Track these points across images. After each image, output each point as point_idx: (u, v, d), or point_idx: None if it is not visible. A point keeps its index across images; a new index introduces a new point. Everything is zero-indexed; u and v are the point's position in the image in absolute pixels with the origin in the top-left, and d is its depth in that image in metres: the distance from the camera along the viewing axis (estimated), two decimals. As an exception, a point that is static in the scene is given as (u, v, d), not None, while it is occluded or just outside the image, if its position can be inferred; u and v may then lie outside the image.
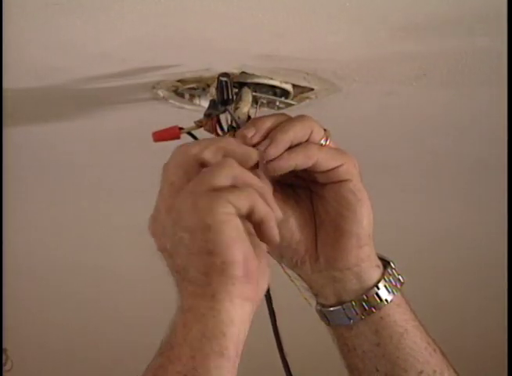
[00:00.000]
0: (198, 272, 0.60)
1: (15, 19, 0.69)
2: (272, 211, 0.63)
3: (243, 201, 0.61)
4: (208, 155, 0.64)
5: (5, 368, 0.95)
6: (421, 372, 0.70)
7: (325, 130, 0.69)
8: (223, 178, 0.62)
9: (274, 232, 0.63)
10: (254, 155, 0.65)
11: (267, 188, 0.65)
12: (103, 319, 1.73)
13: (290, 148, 0.67)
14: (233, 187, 0.62)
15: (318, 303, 0.74)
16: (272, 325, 0.75)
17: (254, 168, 0.68)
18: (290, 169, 0.67)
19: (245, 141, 0.67)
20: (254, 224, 0.63)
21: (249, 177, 0.63)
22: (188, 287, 0.61)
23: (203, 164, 0.64)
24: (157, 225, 0.64)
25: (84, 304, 1.67)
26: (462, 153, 1.18)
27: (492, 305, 1.55)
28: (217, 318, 0.59)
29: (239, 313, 0.60)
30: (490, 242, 1.46)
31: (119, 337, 1.76)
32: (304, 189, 0.73)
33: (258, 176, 0.66)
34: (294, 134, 0.67)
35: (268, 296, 0.74)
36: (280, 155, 0.66)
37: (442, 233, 1.52)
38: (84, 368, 1.81)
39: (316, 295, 0.73)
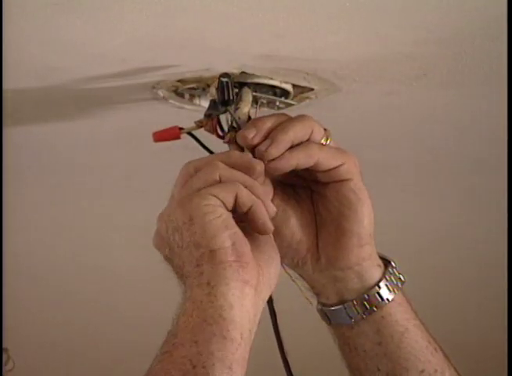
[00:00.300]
0: (191, 265, 0.62)
1: (15, 19, 0.69)
2: (262, 201, 0.64)
3: (226, 192, 0.63)
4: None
5: (6, 368, 0.96)
6: (422, 371, 0.70)
7: (325, 129, 0.69)
8: (208, 179, 0.63)
9: (263, 220, 0.64)
10: (258, 166, 0.65)
11: (256, 183, 0.65)
12: (103, 319, 1.73)
13: (291, 148, 0.67)
14: (218, 183, 0.63)
15: (319, 302, 0.74)
16: (273, 325, 0.75)
17: None
18: (291, 169, 0.67)
19: (246, 142, 0.67)
20: (244, 215, 0.64)
21: (235, 173, 0.64)
22: (186, 281, 0.62)
23: None
24: (157, 236, 0.66)
25: (84, 304, 1.67)
26: (462, 153, 1.18)
27: (491, 305, 1.55)
28: (215, 303, 0.59)
29: (237, 297, 0.60)
30: (490, 242, 1.46)
31: (119, 337, 1.75)
32: (304, 188, 0.73)
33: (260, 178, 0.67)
34: (295, 134, 0.67)
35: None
36: (281, 155, 0.66)
37: (442, 233, 1.52)
38: (85, 368, 1.81)
39: (318, 295, 0.74)
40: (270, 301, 0.74)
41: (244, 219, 0.64)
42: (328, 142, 0.69)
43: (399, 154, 1.19)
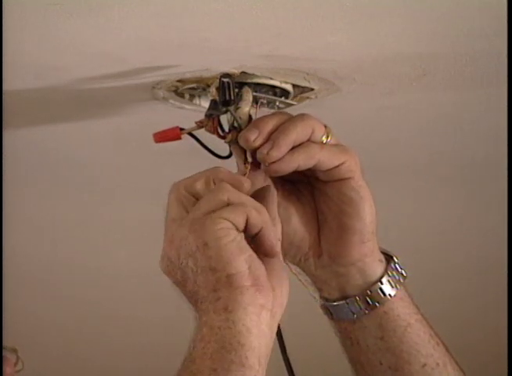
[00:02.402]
0: (207, 290, 0.61)
1: (15, 19, 0.69)
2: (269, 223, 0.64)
3: (237, 215, 0.62)
4: (199, 186, 0.65)
5: (16, 368, 0.96)
6: (425, 365, 0.70)
7: (325, 126, 0.69)
8: (217, 202, 0.63)
9: (271, 242, 0.64)
10: (246, 183, 0.66)
11: (262, 207, 0.65)
12: (103, 319, 1.73)
13: (292, 148, 0.67)
14: (227, 205, 0.63)
15: (321, 297, 0.74)
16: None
17: (257, 168, 0.68)
18: (292, 170, 0.67)
19: (248, 144, 0.67)
20: (253, 237, 0.64)
21: (243, 196, 0.64)
22: (201, 306, 0.62)
23: (196, 196, 0.65)
24: (166, 261, 0.65)
25: (85, 304, 1.67)
26: (462, 153, 1.18)
27: (491, 305, 1.55)
28: (233, 329, 0.59)
29: (255, 322, 0.60)
30: (490, 242, 1.46)
31: (121, 337, 1.75)
32: (305, 184, 0.73)
33: (260, 177, 0.67)
34: (296, 135, 0.67)
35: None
36: (282, 157, 0.66)
37: (442, 233, 1.52)
38: (85, 368, 1.81)
39: (320, 290, 0.74)
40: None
41: (253, 240, 0.64)
42: (329, 139, 0.69)
43: (399, 154, 1.19)
